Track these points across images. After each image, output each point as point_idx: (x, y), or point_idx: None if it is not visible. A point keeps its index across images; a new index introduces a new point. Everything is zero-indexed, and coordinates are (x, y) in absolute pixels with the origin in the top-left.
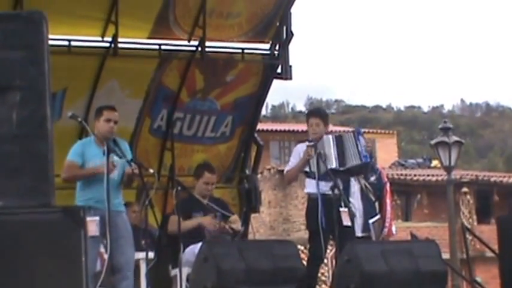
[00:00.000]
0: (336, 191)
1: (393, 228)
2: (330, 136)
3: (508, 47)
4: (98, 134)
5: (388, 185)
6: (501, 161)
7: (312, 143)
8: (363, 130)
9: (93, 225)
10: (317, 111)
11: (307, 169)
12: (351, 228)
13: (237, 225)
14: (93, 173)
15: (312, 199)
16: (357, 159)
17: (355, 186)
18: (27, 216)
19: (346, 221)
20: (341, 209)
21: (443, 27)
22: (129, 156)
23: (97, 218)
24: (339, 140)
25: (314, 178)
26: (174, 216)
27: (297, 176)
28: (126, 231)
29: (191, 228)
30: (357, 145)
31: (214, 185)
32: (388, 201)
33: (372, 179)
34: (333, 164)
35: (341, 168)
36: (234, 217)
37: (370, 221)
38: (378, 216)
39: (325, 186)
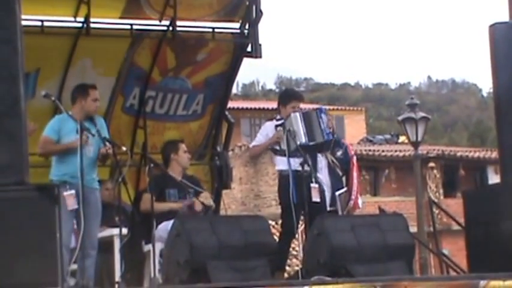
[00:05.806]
0: (306, 167)
1: (359, 201)
2: (297, 113)
3: (473, 25)
4: (83, 112)
5: (354, 158)
6: (466, 136)
7: (280, 122)
8: (330, 107)
9: (71, 199)
10: (301, 96)
11: (277, 147)
12: (321, 204)
13: (209, 200)
14: (67, 149)
15: (283, 176)
16: (320, 137)
17: (322, 162)
18: (2, 194)
19: (316, 197)
20: (312, 185)
21: (409, 5)
22: (105, 132)
23: (73, 191)
24: (306, 116)
25: (284, 155)
26: (147, 194)
27: (261, 153)
28: (96, 209)
29: (163, 211)
30: (319, 123)
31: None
32: (354, 174)
33: (339, 153)
34: (302, 139)
35: (311, 143)
36: (205, 193)
37: (337, 193)
38: (344, 189)
39: (296, 163)
